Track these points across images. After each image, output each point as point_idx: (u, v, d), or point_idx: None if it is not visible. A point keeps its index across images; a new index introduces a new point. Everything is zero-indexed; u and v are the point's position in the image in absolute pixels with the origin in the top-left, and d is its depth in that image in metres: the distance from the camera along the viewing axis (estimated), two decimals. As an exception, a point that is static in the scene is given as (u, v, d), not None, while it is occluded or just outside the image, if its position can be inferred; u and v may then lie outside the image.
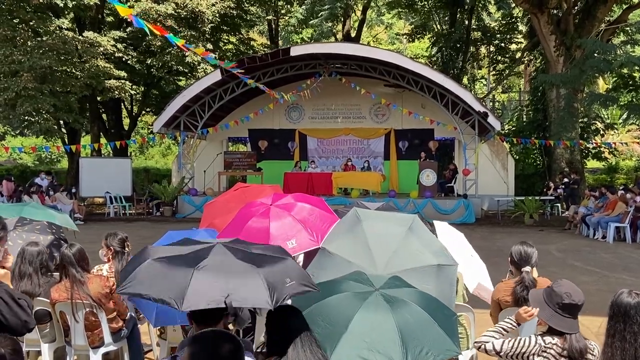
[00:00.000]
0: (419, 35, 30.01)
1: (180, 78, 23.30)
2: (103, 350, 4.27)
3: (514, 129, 25.20)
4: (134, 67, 20.89)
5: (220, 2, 20.02)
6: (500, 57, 28.13)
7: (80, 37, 18.21)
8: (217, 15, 20.02)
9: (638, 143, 25.99)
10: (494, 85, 30.70)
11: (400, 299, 2.55)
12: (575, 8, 20.44)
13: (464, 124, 17.63)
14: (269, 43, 28.89)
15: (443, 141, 20.34)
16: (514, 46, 28.48)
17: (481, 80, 34.23)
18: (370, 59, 17.03)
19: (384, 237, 3.42)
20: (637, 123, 25.28)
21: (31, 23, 18.87)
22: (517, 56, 27.46)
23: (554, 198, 17.75)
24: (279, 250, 2.63)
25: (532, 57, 26.10)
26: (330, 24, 28.05)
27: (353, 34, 28.92)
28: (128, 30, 20.02)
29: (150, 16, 17.78)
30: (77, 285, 4.09)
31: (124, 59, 19.75)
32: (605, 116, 27.25)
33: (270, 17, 28.31)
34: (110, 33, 19.59)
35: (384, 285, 2.66)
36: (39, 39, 18.32)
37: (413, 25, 30.52)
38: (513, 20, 26.87)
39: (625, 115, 25.79)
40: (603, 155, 23.65)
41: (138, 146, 33.50)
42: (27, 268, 4.17)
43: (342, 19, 28.29)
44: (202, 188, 19.00)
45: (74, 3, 18.25)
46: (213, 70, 17.72)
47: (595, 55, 17.10)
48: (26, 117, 18.73)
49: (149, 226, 14.97)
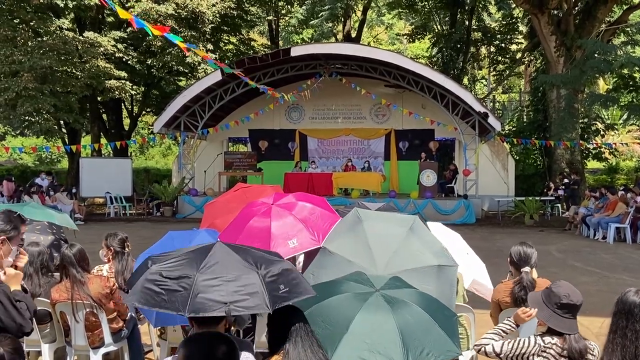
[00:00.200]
0: (419, 36, 30.03)
1: (181, 78, 23.30)
2: (103, 350, 4.27)
3: (514, 129, 25.22)
4: (134, 68, 20.89)
5: (221, 3, 20.01)
6: (500, 58, 28.14)
7: (80, 38, 18.21)
8: (218, 15, 20.02)
9: (638, 143, 26.00)
10: (495, 85, 30.70)
11: (401, 300, 2.55)
12: (576, 8, 20.44)
13: (464, 124, 17.63)
14: (269, 43, 28.89)
15: (443, 141, 20.34)
16: (514, 47, 28.48)
17: (481, 80, 34.24)
18: (370, 60, 17.04)
19: (384, 237, 3.42)
20: (638, 124, 25.29)
21: (31, 23, 18.87)
22: (518, 57, 27.47)
23: (554, 198, 17.76)
24: (276, 255, 2.68)
25: (533, 58, 26.10)
26: (330, 25, 28.05)
27: (353, 35, 28.93)
28: (128, 30, 20.00)
29: (151, 16, 17.79)
30: (78, 286, 4.09)
31: (124, 59, 19.75)
32: (606, 117, 27.24)
33: (270, 18, 28.32)
34: (111, 33, 19.59)
35: (385, 286, 2.66)
36: (39, 39, 18.32)
37: (413, 26, 30.53)
38: (513, 20, 26.88)
39: (625, 116, 25.79)
40: (603, 155, 23.66)
41: (138, 146, 33.51)
42: (28, 268, 4.16)
43: (343, 20, 28.30)
44: (203, 188, 19.00)
45: (74, 3, 18.26)
46: (213, 70, 17.71)
47: (596, 55, 17.10)
48: (26, 117, 18.72)
49: (149, 226, 14.96)
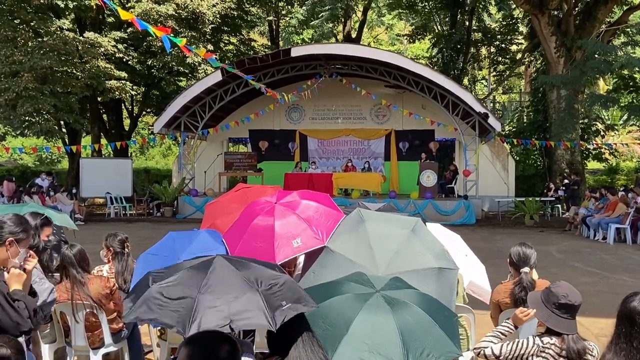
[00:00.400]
0: (419, 36, 30.03)
1: (181, 78, 23.30)
2: (103, 351, 4.27)
3: (514, 130, 25.22)
4: (134, 68, 20.89)
5: (221, 3, 20.01)
6: (500, 58, 28.15)
7: (81, 38, 18.21)
8: (218, 16, 20.02)
9: (638, 144, 25.99)
10: (495, 86, 30.72)
11: (401, 301, 2.55)
12: (576, 9, 20.44)
13: (464, 124, 17.63)
14: (269, 44, 28.89)
15: (443, 142, 20.33)
16: (514, 47, 28.48)
17: (482, 81, 34.25)
18: (370, 60, 17.04)
19: (386, 238, 3.42)
20: (638, 124, 25.29)
21: (32, 24, 18.88)
22: (518, 57, 27.48)
23: (554, 199, 17.76)
24: (275, 268, 2.70)
25: (533, 58, 26.10)
26: (330, 25, 28.07)
27: (354, 35, 28.94)
28: (129, 30, 20.00)
29: (151, 17, 17.79)
30: (78, 286, 4.10)
31: (124, 60, 19.75)
32: (606, 117, 27.24)
33: (270, 18, 28.33)
34: (111, 34, 19.59)
35: (385, 287, 2.66)
36: (39, 39, 18.33)
37: (414, 26, 30.54)
38: (513, 21, 26.89)
39: (625, 117, 25.81)
40: (603, 156, 23.66)
41: (138, 147, 33.49)
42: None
43: (343, 20, 28.30)
44: (203, 189, 19.01)
45: (74, 4, 18.26)
46: (214, 70, 17.72)
47: (596, 56, 17.10)
48: (27, 118, 18.72)
49: (149, 227, 14.96)
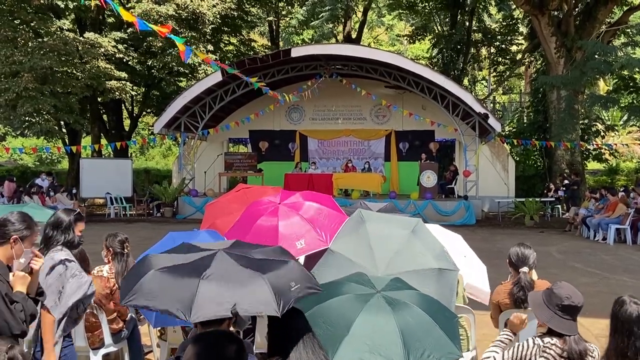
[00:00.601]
0: (419, 37, 30.05)
1: (181, 79, 23.30)
2: (103, 351, 4.27)
3: (514, 130, 25.21)
4: (134, 68, 20.89)
5: (221, 3, 20.02)
6: (500, 59, 28.15)
7: (81, 38, 18.22)
8: (218, 16, 20.02)
9: (638, 144, 25.99)
10: (495, 86, 30.72)
11: (402, 301, 2.54)
12: (576, 10, 20.45)
13: (464, 125, 17.63)
14: (269, 44, 28.90)
15: (443, 142, 20.34)
16: (514, 48, 28.49)
17: (482, 81, 34.24)
18: (370, 60, 17.04)
19: (386, 239, 3.43)
20: (638, 125, 25.29)
21: (32, 24, 18.89)
22: (518, 58, 27.48)
23: (554, 199, 17.76)
24: (280, 251, 2.59)
25: (533, 59, 26.10)
26: (331, 25, 28.08)
27: (354, 35, 28.95)
28: (129, 31, 20.01)
29: (152, 17, 17.80)
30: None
31: (124, 60, 19.76)
32: (606, 118, 27.25)
33: (271, 19, 28.35)
34: (111, 34, 19.60)
35: (386, 287, 2.66)
36: (39, 39, 18.33)
37: (414, 27, 30.55)
38: (514, 21, 26.89)
39: (625, 117, 25.82)
40: (603, 156, 23.65)
41: (139, 147, 33.49)
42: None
43: (343, 21, 28.31)
44: (203, 189, 19.00)
45: (74, 4, 18.26)
46: (214, 71, 17.71)
47: (596, 57, 17.09)
48: (27, 118, 18.72)
49: (149, 227, 14.95)
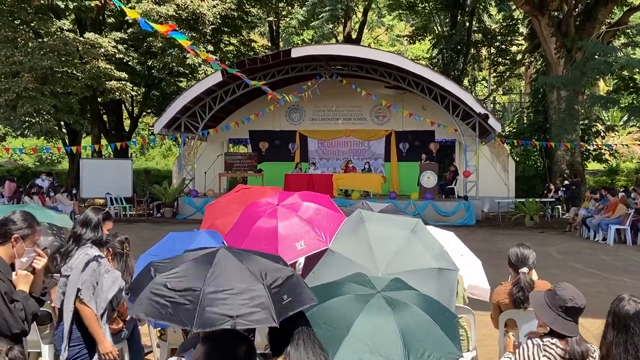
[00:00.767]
0: (419, 37, 30.05)
1: (181, 79, 23.31)
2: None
3: (514, 130, 25.22)
4: (134, 69, 20.90)
5: (221, 4, 20.03)
6: (500, 59, 28.15)
7: (81, 38, 18.23)
8: (218, 16, 20.04)
9: (638, 145, 26.00)
10: (495, 87, 30.72)
11: (402, 302, 2.54)
12: (576, 10, 20.45)
13: (464, 125, 17.63)
14: (269, 44, 28.91)
15: (444, 143, 20.33)
16: (514, 48, 28.49)
17: (482, 82, 34.25)
18: (371, 61, 17.04)
19: (386, 239, 3.43)
20: (638, 125, 25.29)
21: (32, 24, 18.90)
22: (518, 58, 27.49)
23: (554, 200, 17.76)
24: (279, 260, 2.64)
25: (533, 59, 26.11)
26: (331, 26, 28.06)
27: (354, 36, 28.96)
28: (129, 31, 20.03)
29: (152, 17, 17.80)
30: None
31: (124, 60, 19.77)
32: (606, 118, 27.25)
33: (271, 19, 28.35)
34: (111, 34, 19.61)
35: (386, 288, 2.66)
36: (40, 40, 18.35)
37: (414, 27, 30.55)
38: (514, 22, 26.90)
39: (625, 117, 25.83)
40: (604, 157, 23.66)
41: (139, 147, 33.51)
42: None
43: (343, 21, 28.31)
44: (203, 189, 19.00)
45: (75, 4, 18.27)
46: (214, 71, 17.72)
47: (596, 57, 17.08)
48: (27, 118, 18.74)
49: (149, 227, 14.96)
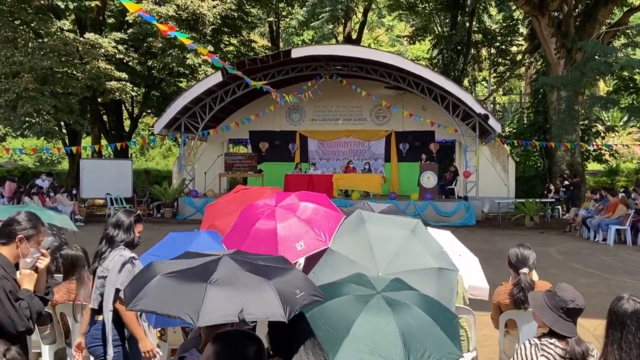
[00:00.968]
0: (419, 38, 30.06)
1: (181, 79, 23.30)
2: (104, 352, 4.26)
3: (514, 131, 25.22)
4: (134, 69, 20.90)
5: (221, 4, 20.03)
6: (501, 60, 28.15)
7: (81, 39, 18.22)
8: (218, 17, 20.03)
9: (639, 145, 26.00)
10: (495, 87, 30.71)
11: (402, 302, 2.54)
12: (576, 10, 20.45)
13: (464, 126, 17.64)
14: (269, 45, 28.91)
15: (444, 143, 20.33)
16: (514, 48, 28.49)
17: (482, 82, 34.25)
18: (371, 61, 17.04)
19: (386, 239, 3.43)
20: (638, 125, 25.30)
21: (32, 24, 18.89)
22: (518, 58, 27.49)
23: (554, 200, 17.76)
24: (283, 261, 2.62)
25: (533, 60, 26.11)
26: (331, 26, 28.08)
27: (354, 36, 28.97)
28: (129, 31, 20.03)
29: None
30: (83, 287, 4.11)
31: (124, 61, 19.76)
32: (606, 118, 27.25)
33: (271, 19, 28.35)
34: (111, 35, 19.61)
35: (386, 288, 2.66)
36: (40, 40, 18.34)
37: (414, 28, 30.56)
38: (514, 22, 26.89)
39: (625, 118, 25.82)
40: (604, 157, 23.66)
41: (139, 148, 33.49)
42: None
43: (343, 21, 28.32)
44: (203, 190, 19.00)
45: (75, 4, 18.26)
46: (214, 71, 17.73)
47: (596, 57, 17.08)
48: (27, 119, 18.71)
49: (149, 228, 14.86)
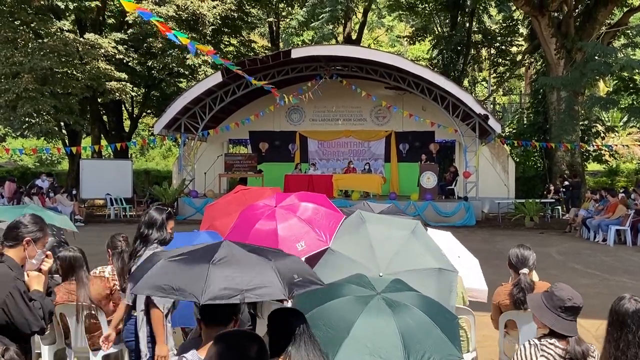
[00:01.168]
0: (419, 38, 30.05)
1: (181, 80, 23.29)
2: (103, 352, 4.26)
3: (514, 131, 25.22)
4: (134, 69, 20.89)
5: (221, 5, 20.03)
6: (501, 60, 28.15)
7: (81, 39, 18.22)
8: (218, 17, 20.03)
9: (638, 146, 26.00)
10: (495, 87, 30.71)
11: (402, 303, 2.54)
12: (576, 11, 20.46)
13: (464, 126, 17.64)
14: (269, 45, 28.91)
15: (444, 143, 20.33)
16: (514, 49, 28.49)
17: (482, 82, 34.25)
18: (371, 62, 17.04)
19: (386, 239, 3.44)
20: (638, 126, 25.29)
21: (32, 25, 18.89)
22: (518, 59, 27.49)
23: (554, 201, 17.76)
24: (281, 251, 2.65)
25: (533, 60, 26.11)
26: (331, 26, 28.05)
27: (354, 37, 28.96)
28: (129, 32, 20.02)
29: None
30: (83, 288, 4.12)
31: (124, 61, 19.75)
32: (606, 119, 27.24)
33: (271, 20, 28.36)
34: (111, 35, 19.61)
35: (386, 289, 2.65)
36: (40, 40, 18.34)
37: (414, 28, 30.55)
38: (514, 22, 26.89)
39: (625, 118, 25.80)
40: (603, 157, 23.66)
41: (139, 148, 33.48)
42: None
43: (343, 22, 28.31)
44: (203, 190, 18.99)
45: (75, 5, 18.26)
46: (214, 72, 17.72)
47: (596, 58, 17.08)
48: (27, 119, 18.70)
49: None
